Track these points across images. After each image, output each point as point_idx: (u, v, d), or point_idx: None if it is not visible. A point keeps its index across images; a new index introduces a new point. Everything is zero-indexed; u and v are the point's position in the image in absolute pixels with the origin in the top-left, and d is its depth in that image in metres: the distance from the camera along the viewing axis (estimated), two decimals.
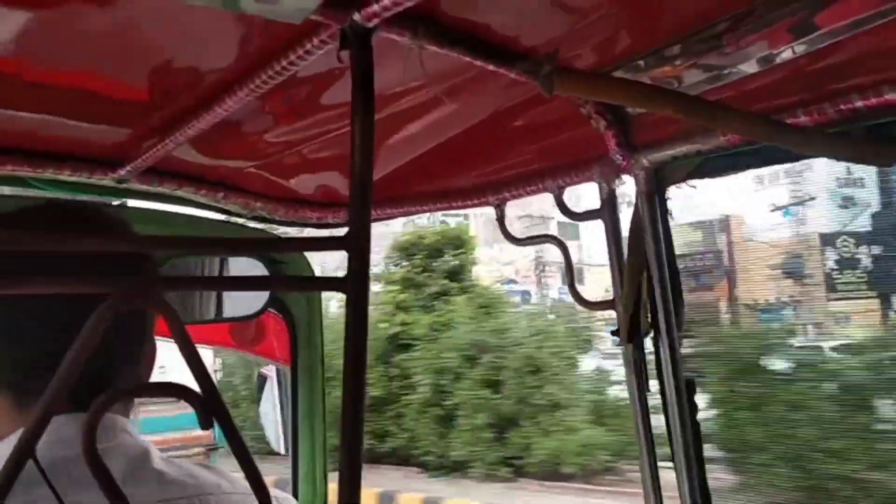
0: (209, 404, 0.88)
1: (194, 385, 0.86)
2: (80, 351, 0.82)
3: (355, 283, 0.96)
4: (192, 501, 1.11)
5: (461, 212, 16.54)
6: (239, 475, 0.95)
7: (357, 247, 0.97)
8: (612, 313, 1.78)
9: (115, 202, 2.05)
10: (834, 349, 10.69)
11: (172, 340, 0.89)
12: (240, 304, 2.37)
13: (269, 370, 3.34)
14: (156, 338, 1.21)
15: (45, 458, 0.92)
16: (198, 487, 1.13)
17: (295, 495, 2.30)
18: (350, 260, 0.96)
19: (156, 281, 1.12)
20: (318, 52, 1.09)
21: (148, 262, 1.19)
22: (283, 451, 2.71)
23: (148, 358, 1.20)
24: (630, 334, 1.73)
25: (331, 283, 1.02)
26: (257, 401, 3.48)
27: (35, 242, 0.91)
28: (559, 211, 1.80)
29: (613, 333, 1.75)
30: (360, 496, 0.93)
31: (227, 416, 0.89)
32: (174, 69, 1.31)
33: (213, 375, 0.90)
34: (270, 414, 3.32)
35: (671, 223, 1.68)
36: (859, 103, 1.28)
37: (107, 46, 1.21)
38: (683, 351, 1.69)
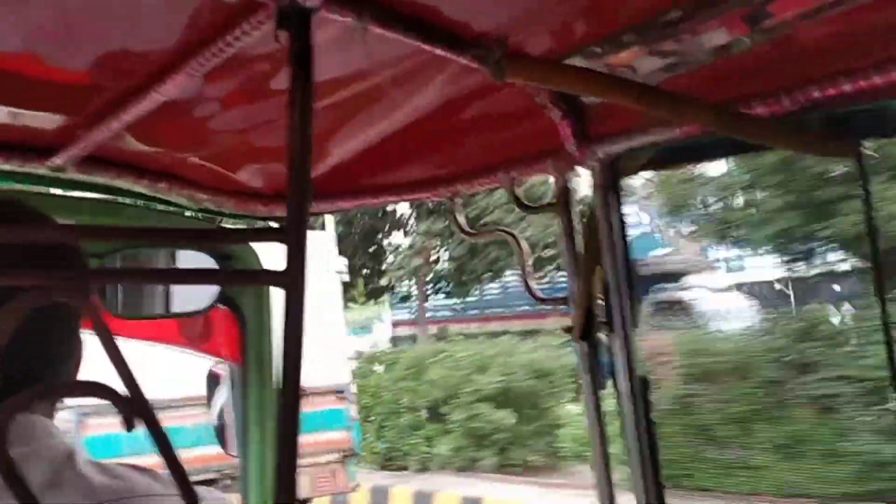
0: (134, 405, 0.83)
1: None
2: None
3: (293, 277, 0.92)
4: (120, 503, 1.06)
5: None
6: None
7: (294, 239, 0.92)
8: None
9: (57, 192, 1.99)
10: None
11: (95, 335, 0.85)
12: (188, 298, 2.31)
13: (222, 368, 3.27)
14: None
15: None
16: (127, 490, 1.08)
17: (245, 496, 2.25)
18: (288, 252, 0.92)
19: (79, 273, 1.06)
20: (255, 32, 1.04)
21: (75, 256, 1.13)
22: (234, 453, 2.66)
23: (75, 357, 1.15)
24: (584, 331, 1.70)
25: (269, 277, 0.98)
26: (208, 400, 3.43)
27: None
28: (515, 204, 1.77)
29: (566, 330, 1.72)
30: (294, 496, 0.89)
31: (153, 418, 0.85)
32: (109, 51, 1.25)
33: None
34: (222, 413, 3.26)
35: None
36: (816, 94, 1.26)
37: (37, 28, 1.15)
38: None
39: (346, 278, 12.41)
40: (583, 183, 1.65)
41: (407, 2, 1.11)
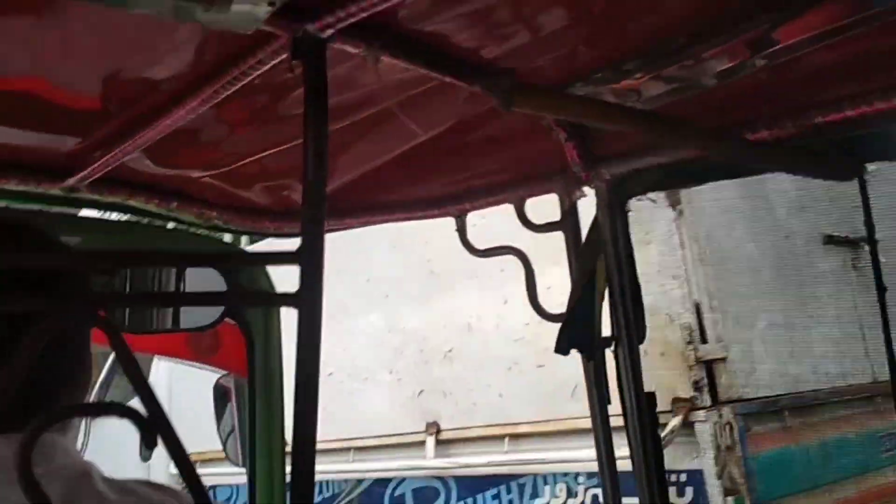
0: (154, 424, 0.85)
1: None
2: (15, 370, 0.79)
3: (307, 298, 0.94)
4: None
5: None
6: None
7: (310, 261, 0.94)
8: None
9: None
10: None
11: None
12: (196, 314, 2.33)
13: (228, 381, 3.29)
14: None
15: None
16: None
17: None
18: (302, 274, 0.94)
19: (94, 298, 1.08)
20: (270, 62, 1.07)
21: (83, 279, 1.15)
22: (240, 464, 2.67)
23: (85, 376, 1.17)
24: (589, 346, 1.71)
25: (283, 299, 1.00)
26: (215, 412, 3.44)
27: None
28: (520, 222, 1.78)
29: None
30: None
31: (175, 437, 0.87)
32: (126, 78, 1.27)
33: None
34: (228, 425, 3.27)
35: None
36: (818, 119, 1.28)
37: (55, 54, 1.17)
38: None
39: None
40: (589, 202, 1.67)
41: (417, 31, 1.13)
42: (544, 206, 1.76)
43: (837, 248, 4.53)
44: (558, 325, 1.71)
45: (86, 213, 1.93)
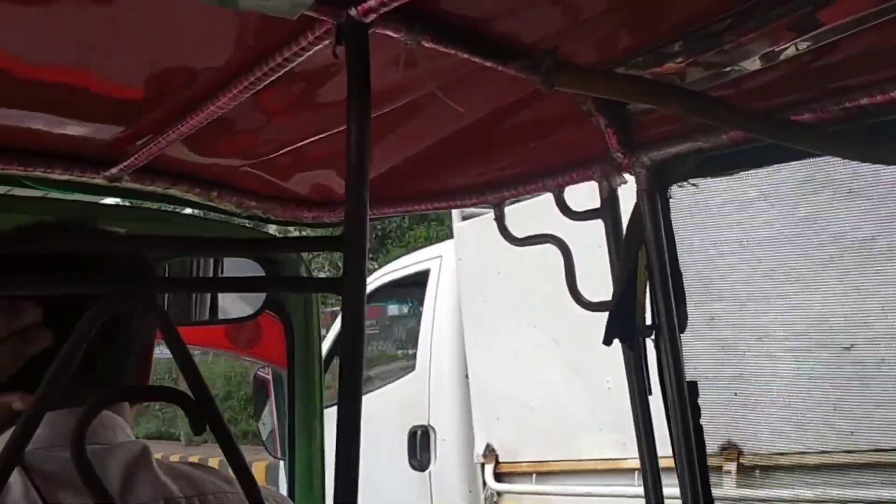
0: (203, 410, 0.87)
1: None
2: (72, 350, 0.81)
3: (351, 284, 0.94)
4: (191, 501, 1.12)
5: None
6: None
7: (353, 247, 0.95)
8: None
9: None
10: None
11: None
12: (236, 305, 2.35)
13: (266, 373, 3.31)
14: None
15: (37, 455, 0.92)
16: (197, 487, 1.14)
17: (292, 498, 2.28)
18: (345, 260, 0.94)
19: (148, 283, 1.10)
20: (313, 48, 1.07)
21: (143, 264, 1.18)
22: (278, 455, 2.69)
23: (144, 361, 1.19)
24: (629, 335, 1.70)
25: (326, 284, 1.00)
26: (255, 404, 3.47)
27: (34, 245, 0.92)
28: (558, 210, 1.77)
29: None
30: (356, 499, 0.91)
31: (222, 422, 0.88)
32: (167, 67, 1.28)
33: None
34: (267, 417, 3.30)
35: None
36: (864, 100, 1.26)
37: (99, 44, 1.19)
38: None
39: None
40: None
41: (458, 15, 1.13)
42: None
43: None
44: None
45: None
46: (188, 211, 2.29)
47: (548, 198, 1.76)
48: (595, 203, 1.71)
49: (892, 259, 3.23)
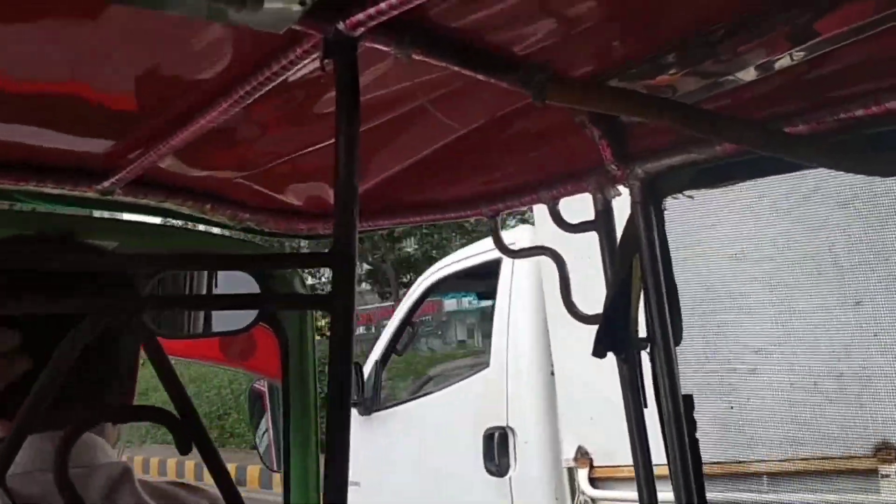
0: (189, 428, 0.85)
1: None
2: (56, 370, 0.80)
3: (340, 301, 0.93)
4: None
5: None
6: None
7: (341, 263, 0.94)
8: None
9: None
10: None
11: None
12: (229, 318, 2.33)
13: (262, 385, 3.29)
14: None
15: (20, 479, 0.91)
16: None
17: None
18: (334, 276, 0.93)
19: (135, 301, 1.09)
20: (302, 62, 1.06)
21: (128, 279, 1.17)
22: (275, 468, 2.67)
23: (129, 379, 1.18)
24: (623, 347, 1.69)
25: (316, 301, 0.99)
26: (251, 417, 3.44)
27: (20, 261, 0.91)
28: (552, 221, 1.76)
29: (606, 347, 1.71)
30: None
31: (208, 440, 0.87)
32: (158, 80, 1.28)
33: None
34: (263, 430, 3.27)
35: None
36: (859, 112, 1.25)
37: (90, 58, 1.18)
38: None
39: None
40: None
41: (449, 28, 1.12)
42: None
43: None
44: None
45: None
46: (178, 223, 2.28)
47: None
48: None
49: (887, 269, 3.25)
